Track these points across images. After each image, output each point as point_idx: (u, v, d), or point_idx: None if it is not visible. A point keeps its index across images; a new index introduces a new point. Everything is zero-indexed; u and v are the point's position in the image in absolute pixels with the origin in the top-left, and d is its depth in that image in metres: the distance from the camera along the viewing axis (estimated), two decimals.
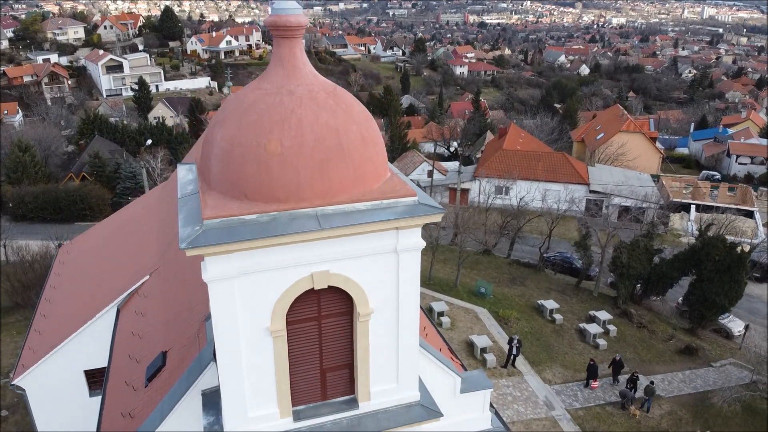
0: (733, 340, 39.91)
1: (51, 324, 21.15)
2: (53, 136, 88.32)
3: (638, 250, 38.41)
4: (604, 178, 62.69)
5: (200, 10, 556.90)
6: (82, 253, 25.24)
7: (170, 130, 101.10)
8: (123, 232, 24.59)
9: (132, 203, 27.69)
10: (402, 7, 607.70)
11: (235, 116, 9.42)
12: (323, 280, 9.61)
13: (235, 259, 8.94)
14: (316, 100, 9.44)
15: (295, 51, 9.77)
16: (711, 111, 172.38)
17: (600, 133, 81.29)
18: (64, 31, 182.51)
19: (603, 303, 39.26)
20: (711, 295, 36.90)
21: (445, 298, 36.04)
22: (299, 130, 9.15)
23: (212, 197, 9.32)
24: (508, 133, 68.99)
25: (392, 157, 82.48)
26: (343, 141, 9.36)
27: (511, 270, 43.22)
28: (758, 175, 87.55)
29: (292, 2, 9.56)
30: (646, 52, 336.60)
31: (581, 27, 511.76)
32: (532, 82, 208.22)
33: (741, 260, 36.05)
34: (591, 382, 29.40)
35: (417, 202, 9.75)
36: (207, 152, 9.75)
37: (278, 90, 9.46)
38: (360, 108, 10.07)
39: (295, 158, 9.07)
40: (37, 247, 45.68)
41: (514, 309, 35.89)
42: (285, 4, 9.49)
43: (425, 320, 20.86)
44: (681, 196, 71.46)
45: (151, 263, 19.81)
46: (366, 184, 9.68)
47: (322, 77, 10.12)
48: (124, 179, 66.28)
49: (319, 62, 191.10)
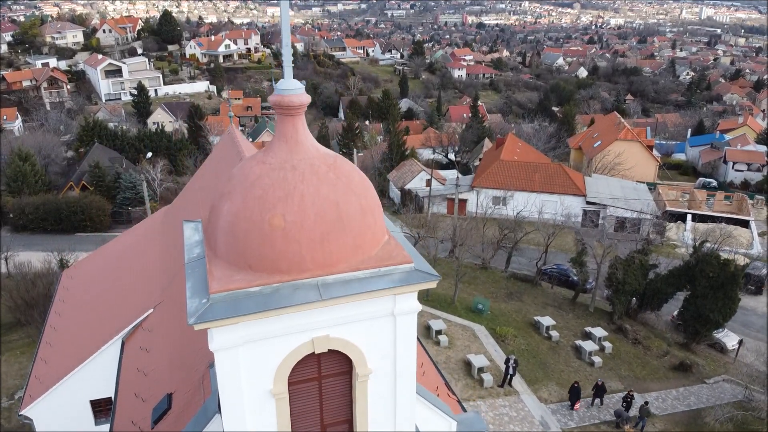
0: (727, 354, 40.47)
1: (57, 353, 21.61)
2: (53, 144, 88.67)
3: (633, 266, 38.95)
4: (601, 188, 63.23)
5: (198, 11, 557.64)
6: (85, 279, 25.69)
7: (169, 136, 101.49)
8: (126, 259, 25.05)
9: (134, 228, 28.12)
10: (400, 8, 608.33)
11: (241, 190, 9.89)
12: (324, 345, 10.08)
13: (240, 329, 9.41)
14: (317, 175, 9.91)
15: (297, 126, 10.26)
16: (708, 114, 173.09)
17: (597, 141, 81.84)
18: (63, 35, 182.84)
19: (599, 318, 39.78)
20: (705, 311, 37.49)
21: (443, 316, 36.54)
22: (301, 206, 9.62)
23: (218, 268, 9.79)
24: (505, 142, 69.47)
25: (391, 166, 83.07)
26: (342, 213, 9.83)
27: (508, 284, 43.72)
28: (755, 182, 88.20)
29: (294, 82, 10.04)
30: (644, 54, 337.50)
31: (579, 28, 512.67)
32: (530, 85, 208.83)
33: (734, 277, 36.62)
34: (575, 404, 29.84)
35: (413, 268, 10.21)
36: (214, 223, 10.22)
37: (282, 165, 9.94)
38: (359, 177, 10.54)
39: (298, 232, 9.54)
40: (39, 262, 46.18)
41: (511, 326, 36.38)
42: (288, 84, 9.97)
43: (423, 356, 21.31)
44: (677, 204, 72.08)
45: (155, 295, 20.28)
46: (365, 251, 10.15)
47: (323, 148, 10.59)
48: (124, 189, 66.76)
49: (318, 65, 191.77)
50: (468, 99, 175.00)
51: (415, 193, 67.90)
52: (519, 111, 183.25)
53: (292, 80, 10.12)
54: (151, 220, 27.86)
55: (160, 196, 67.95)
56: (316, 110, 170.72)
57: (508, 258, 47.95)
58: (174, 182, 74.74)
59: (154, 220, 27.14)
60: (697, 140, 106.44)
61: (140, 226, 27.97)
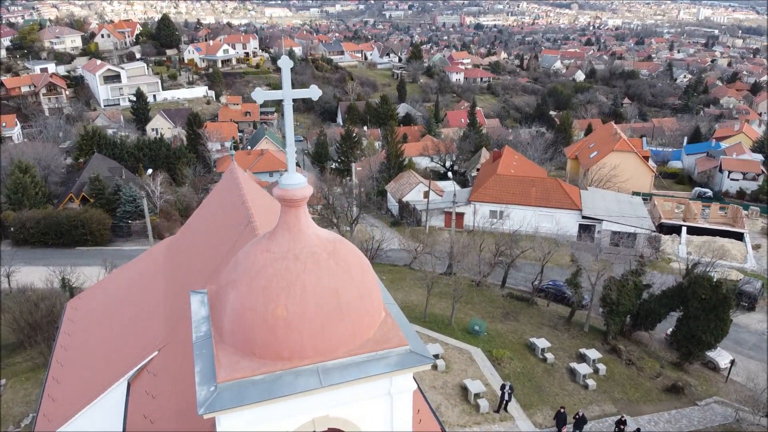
0: (720, 372, 41.17)
1: (64, 391, 22.17)
2: (53, 154, 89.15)
3: (627, 287, 39.62)
4: (596, 202, 63.91)
5: (196, 12, 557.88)
6: (89, 313, 26.26)
7: (168, 145, 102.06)
8: (129, 294, 25.62)
9: (137, 260, 28.67)
10: (398, 9, 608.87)
11: (246, 279, 10.48)
12: (324, 424, 10.69)
13: (245, 414, 10.02)
14: (318, 263, 10.52)
15: (300, 216, 10.87)
16: (705, 118, 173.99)
17: (593, 152, 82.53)
18: (62, 40, 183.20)
19: (593, 338, 40.44)
20: (698, 332, 38.20)
21: (440, 338, 37.17)
22: (303, 296, 10.22)
23: (225, 353, 10.39)
24: (502, 156, 70.14)
25: (389, 176, 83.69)
26: (342, 301, 10.44)
27: (504, 304, 44.36)
28: (750, 191, 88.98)
29: (297, 176, 10.64)
30: (641, 56, 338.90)
31: (577, 29, 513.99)
32: (528, 89, 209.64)
33: (726, 300, 37.32)
34: (561, 430, 30.44)
35: (408, 351, 10.82)
36: (221, 308, 10.83)
37: (284, 255, 10.53)
38: (357, 260, 11.14)
39: (299, 322, 10.15)
40: (40, 281, 46.82)
41: (507, 348, 37.01)
42: (291, 180, 10.58)
43: (420, 401, 21.88)
44: (673, 215, 72.80)
45: (160, 337, 20.85)
46: (363, 334, 10.76)
47: (324, 234, 11.19)
48: (125, 203, 67.27)
49: (316, 70, 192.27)
50: (466, 103, 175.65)
51: (413, 206, 68.52)
52: (516, 115, 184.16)
53: (295, 174, 10.72)
54: (154, 252, 28.42)
55: (160, 209, 68.52)
56: (315, 115, 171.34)
57: (504, 277, 48.57)
58: (173, 193, 75.34)
59: (157, 252, 27.71)
60: (693, 148, 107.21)
61: (143, 258, 28.52)
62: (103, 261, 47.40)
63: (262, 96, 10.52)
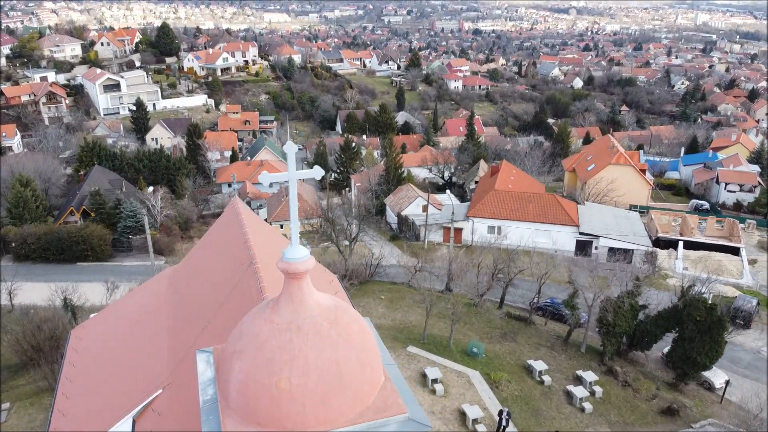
0: (715, 392, 41.61)
1: (70, 424, 22.58)
2: (53, 167, 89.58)
3: (623, 308, 40.10)
4: (594, 217, 64.43)
5: (195, 17, 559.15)
6: (94, 344, 26.66)
7: (168, 156, 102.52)
8: (133, 326, 26.04)
9: (140, 288, 29.10)
10: (397, 14, 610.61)
11: (251, 351, 10.94)
12: None
13: None
14: (319, 334, 10.97)
15: (302, 287, 11.34)
16: (703, 126, 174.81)
17: (591, 164, 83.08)
18: (61, 48, 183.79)
19: (590, 359, 40.90)
20: (693, 354, 38.70)
21: (438, 361, 37.58)
22: (305, 369, 10.67)
23: (230, 420, 10.85)
24: (500, 170, 70.69)
25: (388, 189, 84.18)
26: (343, 371, 10.89)
27: (502, 324, 44.81)
28: (747, 203, 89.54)
29: (300, 249, 11.12)
30: (639, 62, 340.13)
31: (575, 34, 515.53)
32: (526, 96, 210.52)
33: (721, 322, 37.86)
34: None
35: (407, 418, 11.28)
36: (226, 376, 11.29)
37: (288, 326, 11.00)
38: (359, 328, 11.61)
39: (302, 394, 10.60)
40: (42, 300, 47.25)
41: (505, 370, 37.46)
42: (295, 254, 11.06)
43: None
44: (670, 229, 73.29)
45: (164, 373, 21.28)
46: (363, 402, 11.21)
47: (326, 302, 11.65)
48: (125, 218, 67.68)
49: (315, 77, 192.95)
50: (465, 111, 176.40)
51: (411, 220, 68.99)
52: (515, 123, 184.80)
53: (299, 247, 11.19)
54: (157, 282, 28.84)
55: (161, 224, 68.94)
56: (314, 124, 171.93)
57: (502, 296, 49.02)
58: (173, 207, 75.75)
59: (160, 283, 28.13)
60: (690, 159, 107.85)
61: (146, 288, 28.94)
62: (105, 281, 47.75)
63: (269, 179, 11.03)
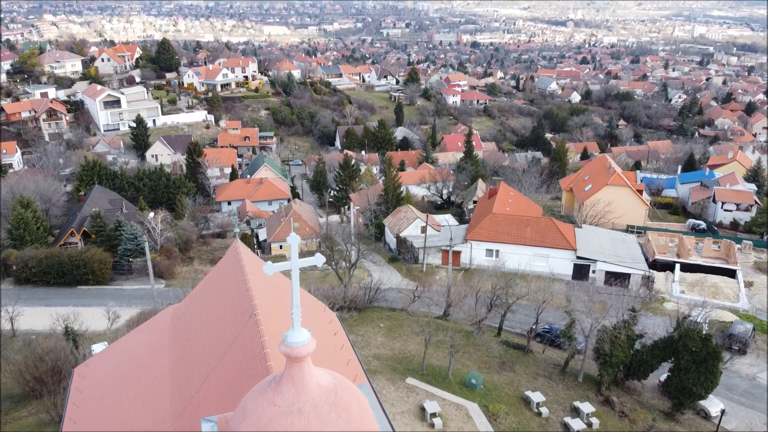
0: (711, 420, 41.95)
1: None
2: (54, 187, 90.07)
3: (620, 339, 40.52)
4: (591, 241, 64.94)
5: (195, 30, 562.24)
6: (97, 384, 27.04)
7: (168, 175, 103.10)
8: (136, 368, 26.42)
9: (143, 327, 29.52)
10: (396, 27, 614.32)
11: None
12: None
13: None
14: (320, 417, 11.41)
15: (303, 369, 11.78)
16: (700, 141, 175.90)
17: (588, 185, 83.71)
18: (62, 64, 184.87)
19: (587, 389, 41.26)
20: (689, 384, 39.11)
21: (437, 393, 37.90)
22: None
23: None
24: (498, 193, 71.28)
25: (387, 210, 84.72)
26: None
27: (501, 352, 45.15)
28: (744, 222, 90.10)
29: (301, 333, 11.58)
30: (636, 74, 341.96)
31: (573, 46, 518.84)
32: (524, 111, 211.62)
33: (716, 353, 38.32)
34: None
35: None
36: None
37: (289, 409, 11.43)
38: (358, 407, 12.05)
39: None
40: (43, 326, 47.68)
41: (503, 401, 37.80)
42: (296, 338, 11.51)
43: None
44: (667, 250, 73.82)
45: (167, 421, 21.67)
46: None
47: (326, 382, 12.08)
48: (126, 241, 68.09)
49: (315, 93, 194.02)
50: (463, 126, 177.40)
51: (410, 243, 69.47)
52: (513, 138, 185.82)
53: (300, 331, 11.65)
54: (159, 322, 29.24)
55: (161, 247, 69.35)
56: (313, 139, 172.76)
57: (500, 325, 49.40)
58: (173, 228, 76.12)
59: (162, 323, 28.54)
60: (687, 177, 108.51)
61: (148, 328, 29.34)
62: (107, 311, 48.14)
63: (272, 268, 11.52)
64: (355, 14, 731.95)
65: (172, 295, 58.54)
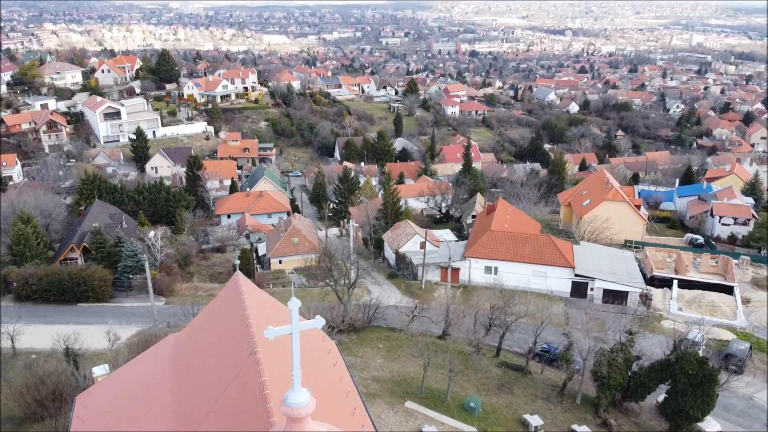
0: None
1: None
2: (54, 202, 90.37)
3: (617, 361, 40.81)
4: (589, 258, 65.28)
5: (195, 39, 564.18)
6: (99, 415, 27.29)
7: (168, 189, 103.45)
8: (137, 399, 26.68)
9: (144, 356, 29.79)
10: (395, 36, 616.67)
11: None
12: None
13: None
14: None
15: (303, 427, 12.12)
16: (698, 152, 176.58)
17: (586, 200, 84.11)
18: (62, 75, 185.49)
19: (585, 411, 41.51)
20: (685, 407, 39.42)
21: (436, 417, 38.14)
22: None
23: None
24: (496, 209, 71.66)
25: (386, 224, 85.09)
26: None
27: (499, 374, 45.37)
28: (741, 236, 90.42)
29: (302, 394, 11.91)
30: (634, 84, 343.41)
31: (571, 55, 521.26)
32: (522, 121, 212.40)
33: (712, 376, 38.67)
34: None
35: None
36: None
37: None
38: None
39: None
40: (44, 344, 47.91)
41: (502, 425, 38.05)
42: (297, 399, 11.85)
43: None
44: (665, 266, 74.09)
45: None
46: None
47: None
48: (126, 258, 68.34)
49: (314, 104, 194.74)
50: (462, 137, 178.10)
51: (409, 259, 69.78)
52: (511, 149, 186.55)
53: (300, 392, 11.98)
54: (161, 351, 29.50)
55: (161, 264, 69.62)
56: (313, 150, 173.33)
57: (498, 346, 49.63)
58: (173, 244, 76.44)
59: (163, 352, 28.81)
60: (685, 190, 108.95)
61: (150, 357, 29.61)
62: (107, 332, 48.41)
63: (273, 333, 11.85)
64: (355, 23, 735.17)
65: (171, 312, 58.90)
